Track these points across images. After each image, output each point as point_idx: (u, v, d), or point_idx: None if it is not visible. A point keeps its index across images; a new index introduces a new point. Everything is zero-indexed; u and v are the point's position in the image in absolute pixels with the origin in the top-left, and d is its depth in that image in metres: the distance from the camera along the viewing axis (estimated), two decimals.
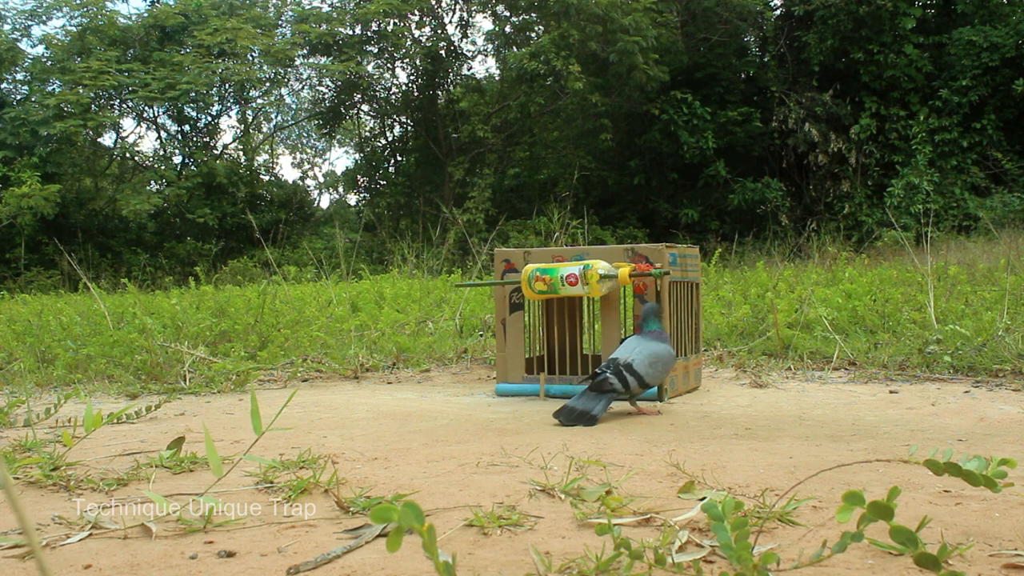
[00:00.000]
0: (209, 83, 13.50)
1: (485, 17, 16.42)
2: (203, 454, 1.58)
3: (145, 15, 14.53)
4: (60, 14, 14.29)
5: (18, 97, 14.07)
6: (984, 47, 12.17)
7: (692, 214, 13.36)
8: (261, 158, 18.39)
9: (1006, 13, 12.59)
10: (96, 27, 13.86)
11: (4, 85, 14.11)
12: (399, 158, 16.07)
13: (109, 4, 15.09)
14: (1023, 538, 1.05)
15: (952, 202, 12.12)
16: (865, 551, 1.01)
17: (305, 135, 21.76)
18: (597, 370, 2.07)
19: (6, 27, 14.21)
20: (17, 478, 1.48)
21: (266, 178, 16.71)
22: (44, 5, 14.18)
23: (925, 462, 0.87)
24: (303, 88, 16.63)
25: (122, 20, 14.28)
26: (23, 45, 14.36)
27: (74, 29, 14.06)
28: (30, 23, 14.38)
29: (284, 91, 16.37)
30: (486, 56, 17.16)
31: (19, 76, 14.38)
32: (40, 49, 14.91)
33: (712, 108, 13.47)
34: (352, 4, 14.34)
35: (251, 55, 14.20)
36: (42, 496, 1.40)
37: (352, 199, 19.66)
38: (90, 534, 1.17)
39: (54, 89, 13.30)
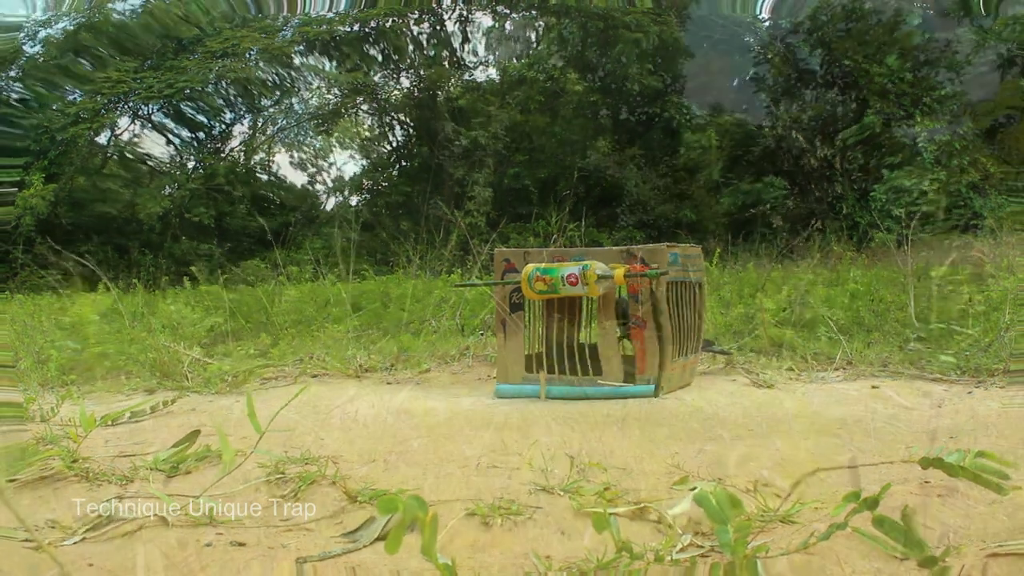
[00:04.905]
0: (205, 80, 13.67)
1: (485, 14, 16.43)
2: (216, 447, 1.61)
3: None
4: (68, 20, 14.36)
5: (29, 101, 14.16)
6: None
7: (690, 215, 13.40)
8: (259, 156, 18.44)
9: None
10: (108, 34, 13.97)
11: (23, 92, 14.19)
12: (400, 159, 16.10)
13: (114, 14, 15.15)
14: (1007, 529, 1.07)
15: (954, 202, 12.12)
16: (852, 540, 1.03)
17: (305, 135, 21.80)
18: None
19: (20, 34, 14.28)
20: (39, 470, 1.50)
21: (266, 178, 16.78)
22: (56, 13, 14.26)
23: (920, 460, 0.89)
24: (312, 97, 16.75)
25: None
26: (26, 47, 14.41)
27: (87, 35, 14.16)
28: (39, 30, 14.47)
29: (294, 100, 16.49)
30: (486, 56, 17.17)
31: (36, 84, 14.46)
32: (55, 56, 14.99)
33: (711, 109, 13.52)
34: (355, 11, 14.41)
35: (249, 53, 14.32)
36: (62, 486, 1.43)
37: (353, 199, 19.70)
38: (108, 523, 1.19)
39: (75, 99, 13.50)
